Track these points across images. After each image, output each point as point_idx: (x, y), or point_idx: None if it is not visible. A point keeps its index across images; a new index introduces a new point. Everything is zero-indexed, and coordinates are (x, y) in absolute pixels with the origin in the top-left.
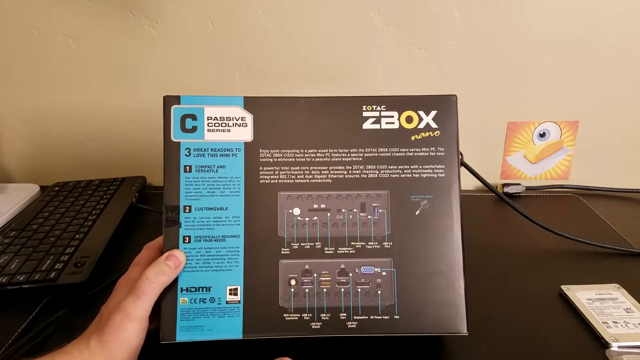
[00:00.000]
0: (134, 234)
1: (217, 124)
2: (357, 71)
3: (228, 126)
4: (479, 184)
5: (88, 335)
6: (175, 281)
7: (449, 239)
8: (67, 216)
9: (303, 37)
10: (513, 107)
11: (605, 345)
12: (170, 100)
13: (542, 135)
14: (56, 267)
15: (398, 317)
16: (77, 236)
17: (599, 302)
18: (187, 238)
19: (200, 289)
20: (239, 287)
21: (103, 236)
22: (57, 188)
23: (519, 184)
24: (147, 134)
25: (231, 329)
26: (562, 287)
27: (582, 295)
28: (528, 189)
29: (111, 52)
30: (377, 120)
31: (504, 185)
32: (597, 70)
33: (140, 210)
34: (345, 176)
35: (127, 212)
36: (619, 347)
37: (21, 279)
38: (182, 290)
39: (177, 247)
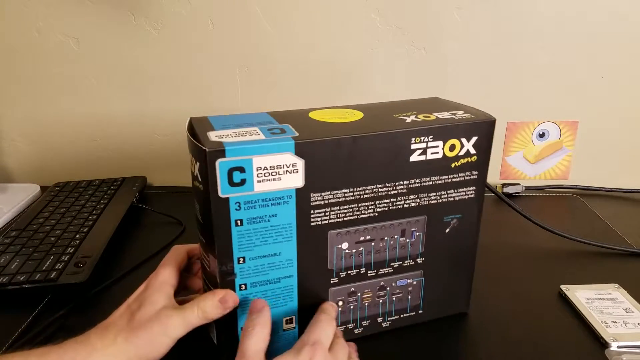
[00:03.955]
0: (134, 234)
1: (267, 174)
2: (357, 71)
3: (279, 175)
4: None
5: (114, 330)
6: (235, 321)
7: (470, 248)
8: (68, 216)
9: (303, 37)
10: (513, 107)
11: (605, 345)
12: (214, 155)
13: (542, 135)
14: (57, 267)
15: (422, 311)
16: (77, 236)
17: (598, 302)
18: (243, 286)
19: None
20: (294, 317)
21: (103, 236)
22: (57, 188)
23: (519, 184)
24: (148, 134)
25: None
26: (562, 287)
27: (582, 295)
28: (527, 189)
29: (112, 52)
30: (424, 151)
31: (504, 185)
32: (596, 70)
33: (141, 210)
34: (390, 208)
35: (127, 212)
36: (618, 346)
37: (22, 279)
38: (241, 329)
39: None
